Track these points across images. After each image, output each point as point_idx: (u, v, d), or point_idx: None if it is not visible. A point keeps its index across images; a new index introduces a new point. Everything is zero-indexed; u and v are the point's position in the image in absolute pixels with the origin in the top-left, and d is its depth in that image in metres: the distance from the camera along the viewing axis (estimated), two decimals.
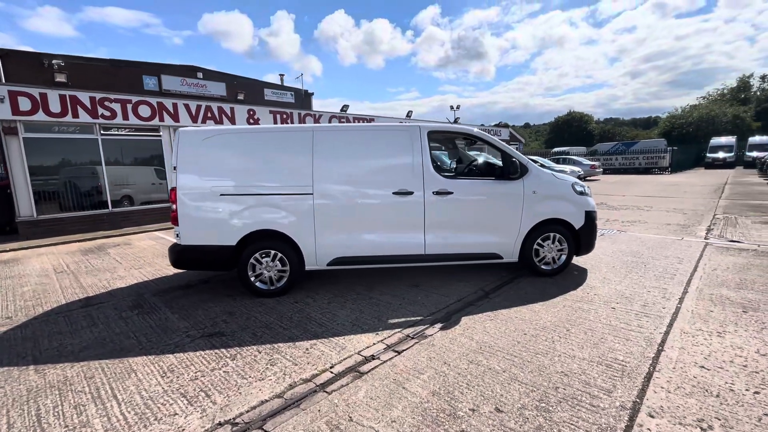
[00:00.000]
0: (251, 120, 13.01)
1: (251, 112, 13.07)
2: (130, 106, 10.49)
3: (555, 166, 18.25)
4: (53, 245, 8.35)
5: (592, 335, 3.24)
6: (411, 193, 4.45)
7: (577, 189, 4.86)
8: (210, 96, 19.60)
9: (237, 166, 4.45)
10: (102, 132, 10.24)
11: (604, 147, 32.31)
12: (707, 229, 7.26)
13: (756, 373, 2.61)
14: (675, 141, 34.00)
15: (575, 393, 2.46)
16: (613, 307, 3.80)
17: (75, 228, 9.80)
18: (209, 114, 12.08)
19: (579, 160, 23.23)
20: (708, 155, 29.08)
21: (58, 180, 9.85)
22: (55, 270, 6.23)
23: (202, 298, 4.58)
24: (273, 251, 4.41)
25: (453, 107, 28.79)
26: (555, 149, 35.00)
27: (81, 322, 4.01)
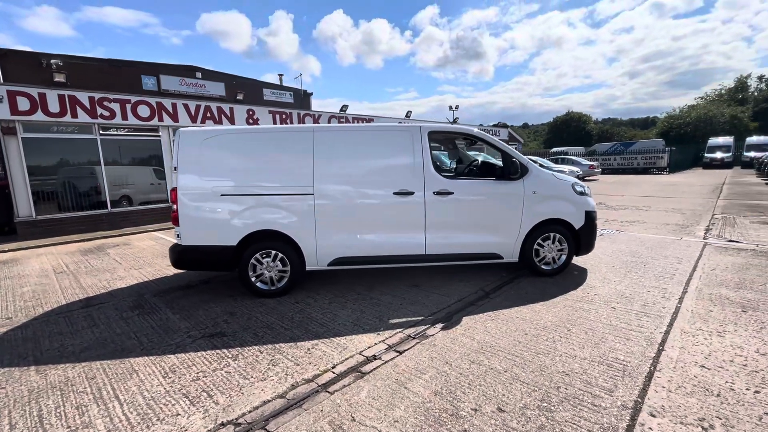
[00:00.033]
0: (250, 120, 13.00)
1: (250, 112, 13.07)
2: (129, 106, 10.49)
3: (554, 166, 18.30)
4: (52, 245, 8.32)
5: (592, 335, 3.25)
6: (412, 194, 4.46)
7: (577, 189, 4.88)
8: (209, 96, 19.57)
9: (238, 166, 4.44)
10: (101, 132, 10.22)
11: (602, 147, 32.42)
12: (706, 229, 7.29)
13: (756, 373, 2.62)
14: (673, 141, 34.13)
15: (577, 392, 2.47)
16: (614, 307, 3.81)
17: (74, 228, 9.79)
18: (208, 114, 12.08)
19: (578, 160, 23.27)
20: (706, 155, 29.22)
21: (56, 180, 9.83)
22: (55, 270, 6.22)
23: (202, 298, 4.58)
24: (274, 251, 4.41)
25: (452, 107, 28.87)
26: (553, 149, 35.07)
27: (82, 322, 4.00)
